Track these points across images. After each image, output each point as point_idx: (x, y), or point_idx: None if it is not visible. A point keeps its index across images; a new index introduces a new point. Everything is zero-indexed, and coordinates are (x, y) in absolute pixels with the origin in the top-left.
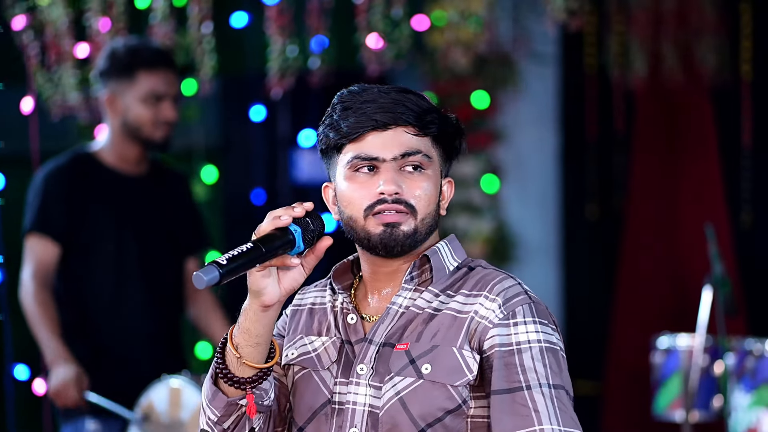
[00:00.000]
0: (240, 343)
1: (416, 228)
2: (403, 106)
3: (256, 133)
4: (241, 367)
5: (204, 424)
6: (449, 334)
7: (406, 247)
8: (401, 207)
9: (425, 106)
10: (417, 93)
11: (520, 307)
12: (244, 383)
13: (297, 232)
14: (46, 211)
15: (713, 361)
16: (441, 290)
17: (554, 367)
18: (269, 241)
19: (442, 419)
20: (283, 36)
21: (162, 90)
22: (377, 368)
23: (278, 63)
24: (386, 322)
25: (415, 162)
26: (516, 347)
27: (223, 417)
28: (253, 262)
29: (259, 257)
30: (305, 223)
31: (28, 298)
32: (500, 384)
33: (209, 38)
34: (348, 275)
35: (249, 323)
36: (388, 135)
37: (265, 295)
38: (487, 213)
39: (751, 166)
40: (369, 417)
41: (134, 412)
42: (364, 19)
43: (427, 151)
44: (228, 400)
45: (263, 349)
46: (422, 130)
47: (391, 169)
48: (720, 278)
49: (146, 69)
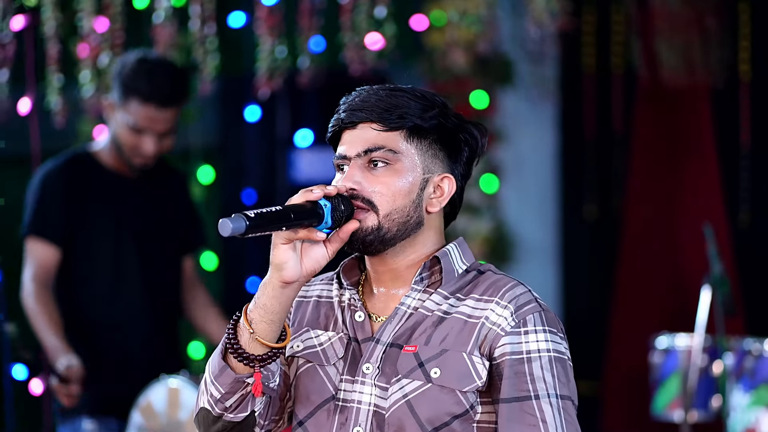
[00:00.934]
0: (254, 319)
1: (380, 224)
2: (371, 104)
3: (254, 134)
4: (253, 343)
5: (204, 403)
6: (459, 339)
7: (375, 244)
8: (359, 203)
9: (396, 102)
10: (413, 91)
11: (531, 316)
12: (253, 360)
13: (327, 207)
14: (43, 213)
15: (712, 360)
16: (450, 293)
17: (562, 377)
18: (298, 210)
19: (449, 424)
20: (272, 36)
21: (146, 125)
22: (383, 368)
23: (267, 63)
24: (394, 322)
25: (377, 158)
26: (526, 356)
27: (227, 394)
28: (279, 223)
29: (287, 221)
30: (336, 202)
31: (30, 299)
32: (509, 392)
33: (212, 38)
34: (355, 271)
35: (266, 298)
36: (356, 133)
37: (285, 270)
38: (486, 213)
39: (749, 166)
40: (374, 417)
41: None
42: (348, 19)
43: (394, 146)
44: (236, 377)
45: (276, 327)
46: (386, 125)
47: (354, 166)
48: (719, 278)
49: (139, 100)
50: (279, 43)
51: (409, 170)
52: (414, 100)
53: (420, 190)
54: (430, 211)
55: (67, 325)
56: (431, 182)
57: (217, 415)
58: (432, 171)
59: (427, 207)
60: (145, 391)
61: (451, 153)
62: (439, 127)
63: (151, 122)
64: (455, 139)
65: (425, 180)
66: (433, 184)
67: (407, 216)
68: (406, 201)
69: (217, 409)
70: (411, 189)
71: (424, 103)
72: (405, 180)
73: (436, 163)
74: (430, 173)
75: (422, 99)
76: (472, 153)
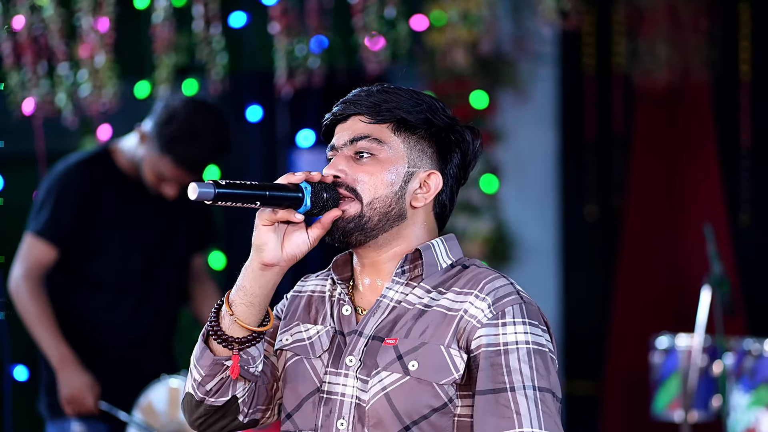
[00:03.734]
0: (234, 301)
1: (362, 212)
2: (362, 98)
3: (255, 134)
4: (233, 326)
5: (189, 387)
6: (438, 332)
7: (355, 233)
8: (342, 191)
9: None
10: (408, 90)
11: (510, 308)
12: (232, 342)
13: (307, 190)
14: (52, 215)
15: (712, 361)
16: (433, 286)
17: (541, 369)
18: (277, 189)
19: (427, 417)
20: (289, 36)
21: (174, 178)
22: (365, 361)
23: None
24: (377, 315)
25: (363, 147)
26: (503, 348)
27: (207, 377)
28: (252, 198)
29: (261, 197)
30: (318, 187)
31: (25, 298)
32: (485, 384)
33: (219, 38)
34: (348, 267)
35: (245, 280)
36: (347, 125)
37: (265, 252)
38: (486, 213)
39: (749, 166)
40: (356, 409)
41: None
42: (360, 19)
43: (380, 135)
44: (214, 359)
45: (257, 311)
46: (374, 117)
47: (340, 156)
48: (719, 278)
49: (173, 159)
50: (298, 42)
51: (393, 161)
52: (405, 96)
53: (404, 182)
54: (414, 206)
55: (68, 324)
56: (417, 176)
57: (199, 399)
58: (418, 166)
59: (411, 201)
60: (146, 391)
61: (441, 152)
62: (427, 123)
63: (179, 178)
64: (445, 138)
65: (410, 173)
66: (419, 179)
67: (389, 206)
68: (388, 191)
69: (198, 392)
70: (395, 180)
71: (415, 100)
72: (389, 171)
73: (424, 159)
74: (416, 168)
75: (413, 96)
76: (465, 156)
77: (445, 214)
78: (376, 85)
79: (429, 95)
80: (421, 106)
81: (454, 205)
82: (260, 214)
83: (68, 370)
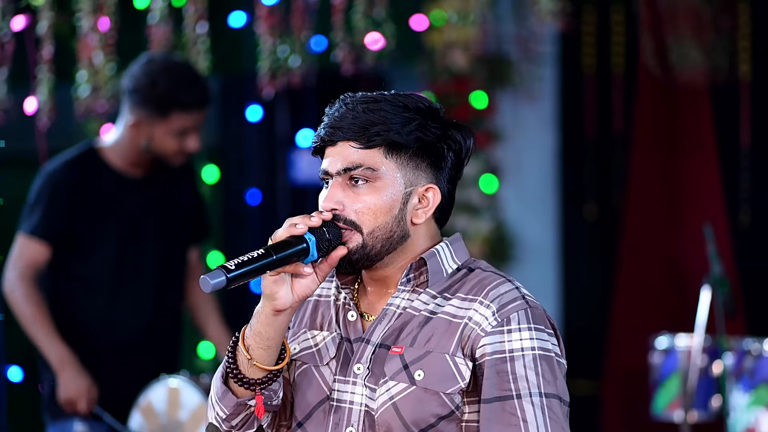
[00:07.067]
0: (251, 345)
1: (364, 243)
2: (348, 122)
3: (254, 133)
4: (252, 368)
5: (212, 419)
6: (443, 340)
7: (361, 262)
8: (342, 225)
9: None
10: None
11: (516, 314)
12: (254, 384)
13: (311, 241)
14: (44, 215)
15: (712, 361)
16: (438, 292)
17: (548, 375)
18: (282, 248)
19: (435, 425)
20: (273, 36)
21: (191, 126)
22: (373, 369)
23: (269, 63)
24: (384, 322)
25: (357, 175)
26: (509, 355)
27: (231, 415)
28: (263, 269)
29: (270, 264)
30: (321, 233)
31: (20, 299)
32: (491, 392)
33: (204, 38)
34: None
35: (261, 326)
36: (336, 150)
37: (277, 300)
38: (486, 213)
39: (749, 166)
40: (366, 417)
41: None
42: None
43: (373, 163)
44: (237, 401)
45: (274, 351)
46: (363, 143)
47: (335, 185)
48: (719, 278)
49: (182, 110)
50: (281, 43)
51: (390, 186)
52: (392, 113)
53: (402, 204)
54: (415, 223)
55: (65, 325)
56: (415, 194)
57: (225, 431)
58: (415, 183)
59: (412, 219)
60: (145, 391)
61: (435, 162)
62: (418, 141)
63: (196, 122)
64: (437, 149)
65: (408, 193)
66: (418, 195)
67: (390, 232)
68: (387, 217)
69: (224, 426)
70: (392, 205)
71: (404, 115)
72: (386, 196)
73: (419, 175)
74: (413, 186)
75: (402, 110)
76: (458, 156)
77: (446, 214)
78: (360, 101)
79: (417, 98)
80: (411, 123)
81: (453, 203)
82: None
83: (67, 372)
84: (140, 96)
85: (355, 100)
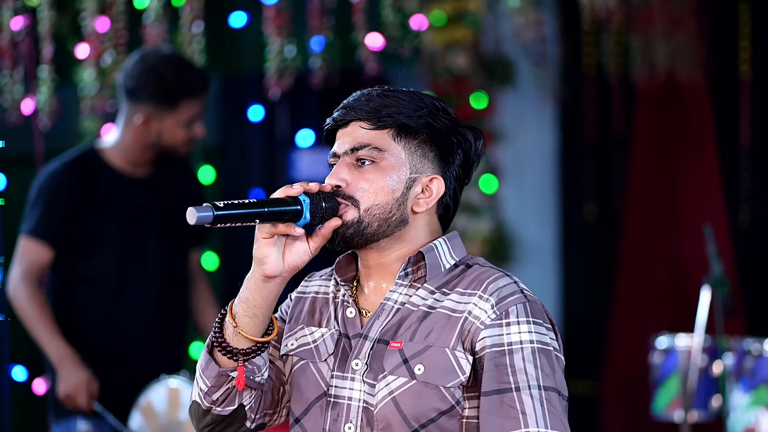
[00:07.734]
0: (238, 312)
1: (360, 218)
2: (362, 103)
3: (255, 133)
4: (237, 337)
5: (195, 396)
6: (443, 334)
7: (355, 238)
8: (341, 199)
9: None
10: (409, 92)
11: (514, 307)
12: (237, 354)
13: (305, 202)
14: (44, 216)
15: (712, 361)
16: (436, 287)
17: (546, 368)
18: (275, 204)
19: (435, 420)
20: (281, 36)
21: (198, 113)
22: (371, 365)
23: (276, 63)
24: (381, 317)
25: (364, 156)
26: (508, 348)
27: (213, 388)
28: (251, 217)
29: (260, 215)
30: (317, 198)
31: (23, 299)
32: (490, 385)
33: (199, 38)
34: (351, 267)
35: (248, 292)
36: (348, 131)
37: (266, 264)
38: (486, 213)
39: (749, 166)
40: (364, 413)
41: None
42: (361, 18)
43: (380, 144)
44: (219, 370)
45: (260, 321)
46: (374, 123)
47: (341, 164)
48: (719, 278)
49: (190, 97)
50: (288, 43)
51: (395, 168)
52: (406, 100)
53: (406, 188)
54: (416, 211)
55: (67, 324)
56: (419, 182)
57: (206, 408)
58: (420, 171)
59: (413, 206)
60: (145, 391)
61: (443, 154)
62: (428, 127)
63: (201, 110)
64: (447, 141)
65: (412, 179)
66: (422, 184)
67: (389, 213)
68: (388, 198)
69: (205, 402)
70: (396, 187)
71: (416, 103)
72: (390, 178)
73: (425, 164)
74: (418, 173)
75: (414, 99)
76: (467, 157)
77: (449, 215)
78: (376, 88)
79: (430, 96)
80: (422, 110)
81: (458, 205)
82: (260, 228)
83: (66, 367)
84: (146, 92)
85: (372, 89)
